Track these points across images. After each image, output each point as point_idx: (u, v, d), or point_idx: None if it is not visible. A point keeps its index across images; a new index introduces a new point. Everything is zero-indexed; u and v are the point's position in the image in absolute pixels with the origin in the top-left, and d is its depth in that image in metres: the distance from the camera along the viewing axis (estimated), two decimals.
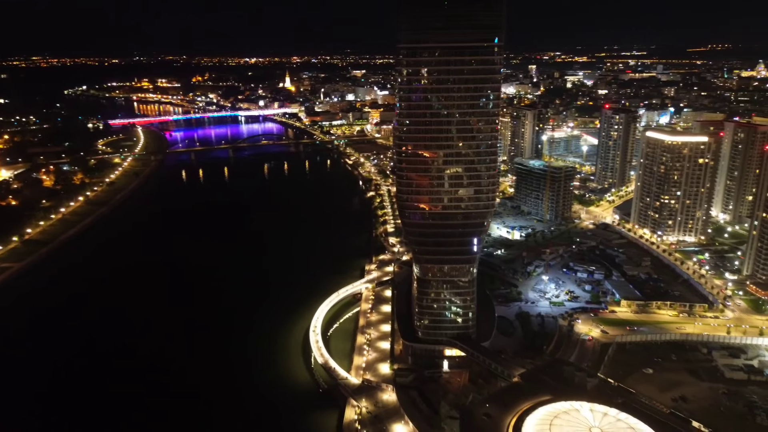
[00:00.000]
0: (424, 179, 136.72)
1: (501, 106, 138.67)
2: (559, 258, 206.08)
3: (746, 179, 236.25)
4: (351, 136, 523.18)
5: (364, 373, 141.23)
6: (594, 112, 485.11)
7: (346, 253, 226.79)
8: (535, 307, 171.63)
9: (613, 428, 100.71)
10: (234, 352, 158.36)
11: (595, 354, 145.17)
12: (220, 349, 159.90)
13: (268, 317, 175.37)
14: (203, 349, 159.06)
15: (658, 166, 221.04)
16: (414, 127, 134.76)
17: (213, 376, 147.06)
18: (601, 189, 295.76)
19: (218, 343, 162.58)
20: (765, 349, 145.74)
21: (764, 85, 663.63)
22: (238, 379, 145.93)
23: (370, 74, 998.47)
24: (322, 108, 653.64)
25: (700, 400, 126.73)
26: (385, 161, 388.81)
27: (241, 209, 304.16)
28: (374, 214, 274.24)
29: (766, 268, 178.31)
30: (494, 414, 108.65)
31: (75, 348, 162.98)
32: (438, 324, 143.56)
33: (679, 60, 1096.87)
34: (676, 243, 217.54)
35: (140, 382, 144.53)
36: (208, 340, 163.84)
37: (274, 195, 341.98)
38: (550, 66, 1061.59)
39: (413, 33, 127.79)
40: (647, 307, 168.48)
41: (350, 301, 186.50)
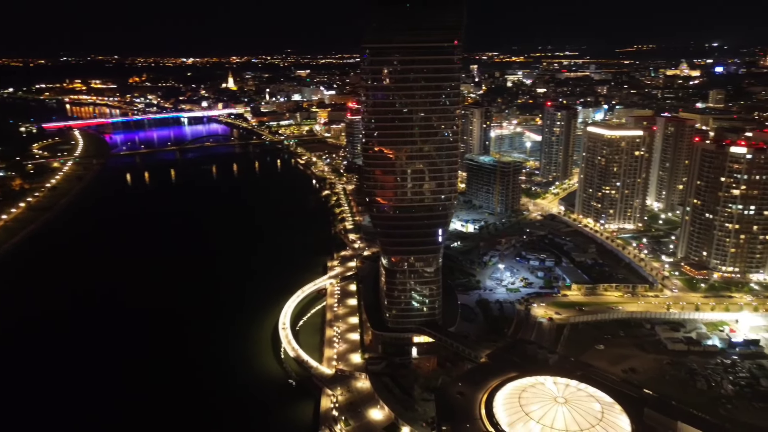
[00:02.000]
0: (390, 176, 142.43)
1: (460, 104, 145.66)
2: (512, 248, 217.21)
3: (677, 170, 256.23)
4: (300, 136, 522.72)
5: (336, 363, 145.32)
6: (534, 110, 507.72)
7: (307, 251, 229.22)
8: (494, 294, 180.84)
9: (575, 397, 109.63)
10: (202, 352, 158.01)
11: (551, 334, 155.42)
12: (187, 349, 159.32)
13: (234, 317, 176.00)
14: (170, 351, 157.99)
15: (599, 159, 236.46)
16: (379, 124, 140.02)
17: (183, 376, 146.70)
18: (546, 182, 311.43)
19: (185, 345, 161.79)
20: (701, 323, 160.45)
21: (687, 82, 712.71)
22: (209, 377, 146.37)
23: (315, 74, 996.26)
24: (269, 108, 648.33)
25: (647, 370, 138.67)
26: (338, 160, 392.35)
27: (193, 212, 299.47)
28: (332, 212, 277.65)
29: (698, 250, 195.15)
30: (467, 392, 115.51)
31: (36, 359, 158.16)
32: (406, 313, 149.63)
33: (609, 60, 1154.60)
34: (617, 230, 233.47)
35: (111, 384, 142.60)
36: (175, 342, 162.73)
37: (226, 196, 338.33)
38: (490, 66, 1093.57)
39: (378, 33, 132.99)
40: (595, 289, 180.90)
41: (316, 296, 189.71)
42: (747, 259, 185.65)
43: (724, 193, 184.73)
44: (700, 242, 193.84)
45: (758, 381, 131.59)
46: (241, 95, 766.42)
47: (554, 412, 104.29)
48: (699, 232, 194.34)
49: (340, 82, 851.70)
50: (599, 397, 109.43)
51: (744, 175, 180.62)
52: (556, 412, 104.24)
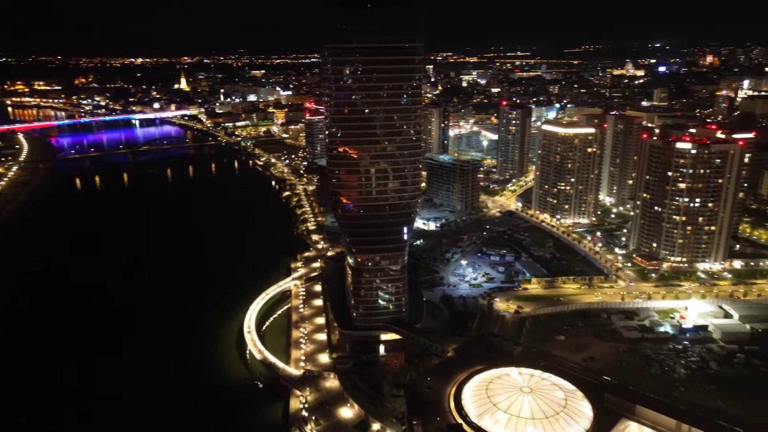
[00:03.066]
0: (354, 176, 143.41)
1: (421, 104, 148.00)
2: (474, 244, 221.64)
3: (627, 165, 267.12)
4: (258, 137, 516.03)
5: (304, 364, 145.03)
6: (490, 109, 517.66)
7: (269, 254, 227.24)
8: (457, 290, 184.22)
9: (540, 386, 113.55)
10: (165, 359, 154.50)
11: (514, 327, 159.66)
12: (149, 357, 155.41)
13: (197, 323, 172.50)
14: (132, 359, 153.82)
15: (554, 156, 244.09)
16: (342, 124, 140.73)
17: (147, 384, 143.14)
18: (504, 180, 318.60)
19: (146, 352, 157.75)
20: (653, 311, 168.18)
21: (633, 82, 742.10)
22: (174, 384, 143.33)
23: (270, 74, 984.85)
24: (224, 109, 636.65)
25: (605, 357, 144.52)
26: (298, 161, 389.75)
27: (148, 215, 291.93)
28: (293, 213, 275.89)
29: (648, 242, 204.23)
30: (435, 386, 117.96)
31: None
32: (373, 311, 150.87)
33: (559, 60, 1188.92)
34: (572, 225, 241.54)
35: (72, 398, 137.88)
36: (136, 350, 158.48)
37: (182, 199, 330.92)
38: (445, 66, 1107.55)
39: (338, 34, 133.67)
40: (554, 282, 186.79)
41: (280, 298, 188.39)
42: (693, 249, 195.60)
43: (671, 187, 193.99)
44: (650, 234, 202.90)
45: (708, 364, 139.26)
46: (194, 96, 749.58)
47: (520, 401, 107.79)
48: (649, 225, 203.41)
49: (297, 82, 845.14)
50: (562, 385, 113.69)
51: (689, 169, 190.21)
52: (522, 401, 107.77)
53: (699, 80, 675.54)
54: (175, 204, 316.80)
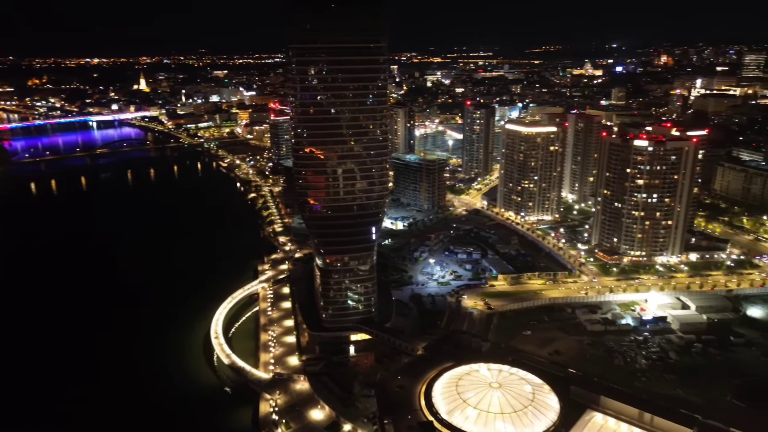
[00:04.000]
0: (321, 176, 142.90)
1: (387, 104, 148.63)
2: (441, 243, 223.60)
3: (587, 163, 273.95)
4: (221, 138, 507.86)
5: (273, 367, 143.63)
6: (454, 109, 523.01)
7: (236, 256, 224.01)
8: (425, 288, 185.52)
9: (508, 381, 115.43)
10: (129, 367, 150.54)
11: (482, 323, 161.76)
12: (113, 366, 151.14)
13: (162, 329, 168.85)
14: (96, 369, 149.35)
15: (518, 155, 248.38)
16: (308, 125, 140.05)
17: (111, 394, 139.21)
18: (469, 179, 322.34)
19: (110, 361, 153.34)
20: (615, 304, 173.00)
21: (592, 81, 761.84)
22: (140, 392, 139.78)
23: (233, 75, 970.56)
24: (186, 110, 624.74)
25: (570, 351, 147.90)
26: (263, 162, 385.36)
27: (109, 220, 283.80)
28: (259, 215, 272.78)
29: (609, 237, 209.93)
30: (406, 385, 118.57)
31: None
32: (342, 312, 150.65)
33: (520, 60, 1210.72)
34: (536, 222, 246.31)
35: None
36: (100, 360, 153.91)
37: (144, 202, 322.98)
38: (409, 66, 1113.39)
39: (303, 34, 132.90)
40: (520, 278, 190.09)
41: (247, 301, 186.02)
42: (652, 243, 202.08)
43: (630, 183, 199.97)
44: (611, 229, 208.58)
45: (667, 354, 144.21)
46: (154, 97, 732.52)
47: (489, 396, 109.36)
48: (609, 221, 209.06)
49: (260, 82, 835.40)
50: (530, 379, 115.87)
51: (646, 166, 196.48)
52: (492, 396, 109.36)
53: (654, 80, 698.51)
54: (136, 208, 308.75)
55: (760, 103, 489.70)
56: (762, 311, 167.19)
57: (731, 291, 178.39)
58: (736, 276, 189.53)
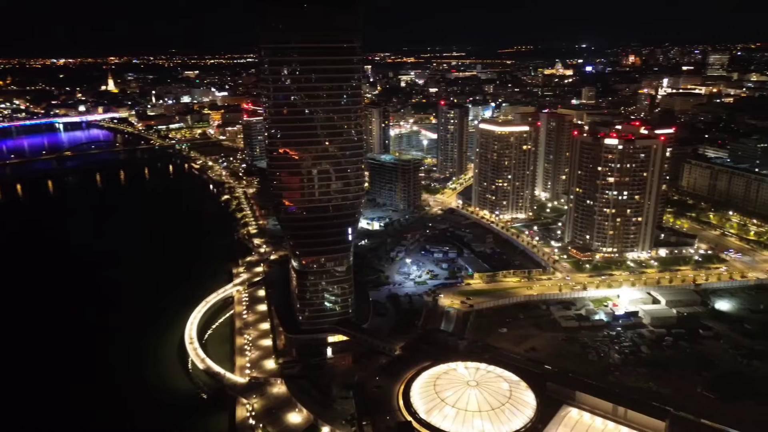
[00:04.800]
0: (296, 177, 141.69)
1: (362, 104, 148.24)
2: (417, 242, 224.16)
3: (560, 161, 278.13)
4: (193, 139, 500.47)
5: (250, 371, 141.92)
6: (428, 109, 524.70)
7: (210, 259, 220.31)
8: (402, 288, 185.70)
9: (485, 379, 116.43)
10: (103, 374, 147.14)
11: (459, 322, 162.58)
12: (87, 372, 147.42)
13: (136, 334, 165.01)
14: (69, 376, 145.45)
15: (491, 154, 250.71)
16: (282, 126, 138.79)
17: (85, 401, 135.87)
18: (444, 178, 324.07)
19: (85, 367, 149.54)
20: (588, 300, 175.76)
21: (562, 81, 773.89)
22: (114, 400, 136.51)
23: (204, 75, 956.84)
24: (156, 111, 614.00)
25: (545, 347, 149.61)
26: (236, 163, 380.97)
27: (78, 224, 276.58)
28: (233, 217, 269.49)
29: (582, 234, 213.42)
30: (384, 385, 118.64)
31: None
32: (319, 313, 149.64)
33: (493, 60, 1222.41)
34: (510, 220, 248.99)
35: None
36: (74, 365, 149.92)
37: (114, 206, 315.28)
38: (384, 66, 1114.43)
39: (274, 34, 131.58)
40: (495, 277, 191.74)
41: (222, 305, 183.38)
42: (623, 240, 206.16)
43: (601, 181, 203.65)
44: (584, 227, 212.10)
45: (639, 348, 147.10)
46: (123, 98, 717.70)
47: (467, 395, 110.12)
48: (582, 218, 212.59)
49: (233, 83, 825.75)
50: (507, 377, 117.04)
51: (617, 164, 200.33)
52: (469, 395, 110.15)
53: (623, 79, 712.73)
54: (105, 212, 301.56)
55: (724, 102, 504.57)
56: (729, 305, 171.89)
57: (699, 285, 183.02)
58: (703, 270, 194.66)
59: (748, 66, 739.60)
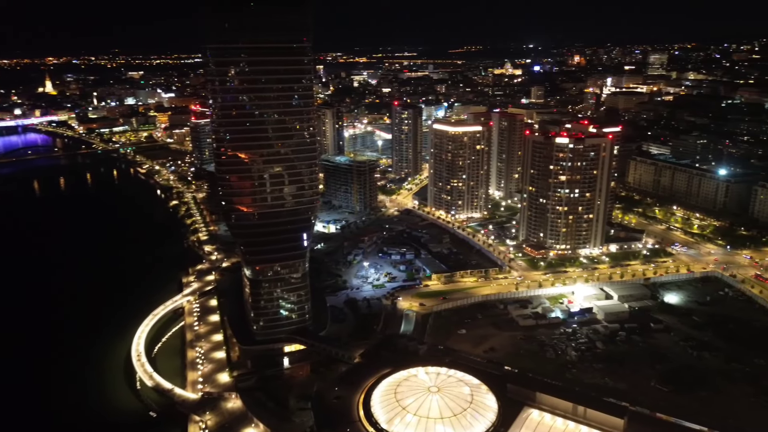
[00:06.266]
0: (246, 181, 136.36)
1: (314, 105, 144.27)
2: (374, 245, 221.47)
3: (512, 160, 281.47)
4: (138, 142, 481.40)
5: (202, 386, 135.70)
6: (382, 109, 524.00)
7: (157, 269, 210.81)
8: (360, 292, 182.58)
9: (446, 384, 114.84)
10: (41, 398, 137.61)
11: (418, 325, 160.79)
12: (26, 395, 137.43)
13: (78, 352, 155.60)
14: (10, 397, 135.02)
15: (446, 154, 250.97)
16: (230, 128, 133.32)
17: (25, 425, 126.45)
18: (399, 179, 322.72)
19: (23, 390, 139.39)
20: (545, 298, 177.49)
21: (512, 80, 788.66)
22: (57, 424, 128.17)
23: (150, 75, 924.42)
24: (98, 114, 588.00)
25: (504, 347, 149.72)
26: (185, 167, 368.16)
27: (15, 235, 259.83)
28: (182, 223, 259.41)
29: (535, 232, 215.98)
30: (344, 395, 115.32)
31: None
32: (275, 323, 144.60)
33: (444, 60, 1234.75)
34: (466, 219, 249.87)
35: None
36: (13, 387, 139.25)
37: (53, 215, 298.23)
38: (336, 66, 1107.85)
39: (221, 34, 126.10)
40: (453, 277, 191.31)
41: (172, 317, 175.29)
42: (575, 237, 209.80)
43: (553, 179, 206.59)
44: (537, 225, 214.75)
45: (595, 344, 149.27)
46: (63, 100, 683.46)
47: (429, 401, 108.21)
48: (535, 216, 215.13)
49: (180, 83, 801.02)
50: (467, 380, 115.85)
51: (568, 162, 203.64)
52: (431, 401, 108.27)
53: (569, 78, 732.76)
54: (44, 221, 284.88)
55: (664, 100, 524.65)
56: (677, 297, 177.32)
57: (649, 279, 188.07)
58: (652, 264, 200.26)
59: (685, 65, 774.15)
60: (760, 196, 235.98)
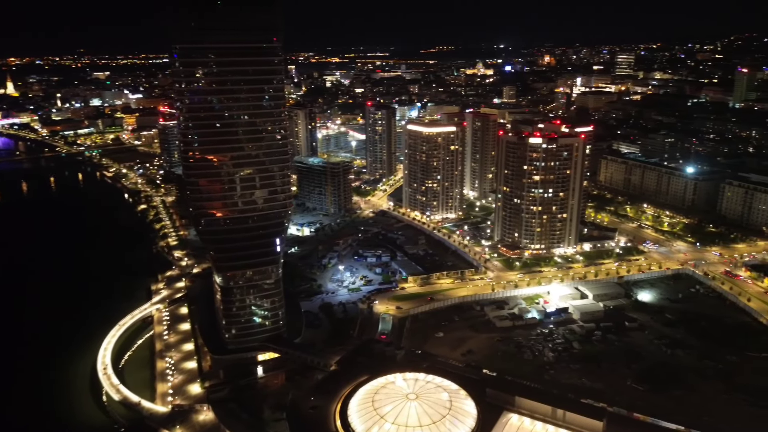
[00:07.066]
0: (216, 184, 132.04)
1: (285, 106, 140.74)
2: (350, 247, 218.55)
3: (486, 160, 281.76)
4: (105, 145, 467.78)
5: (172, 399, 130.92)
6: (355, 110, 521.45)
7: (125, 276, 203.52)
8: (336, 296, 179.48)
9: (424, 390, 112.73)
10: (3, 416, 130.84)
11: (395, 329, 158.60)
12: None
13: (41, 366, 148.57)
14: None
15: (420, 155, 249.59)
16: (199, 130, 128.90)
17: None
18: (374, 180, 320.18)
19: None
20: (521, 298, 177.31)
21: (484, 80, 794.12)
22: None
23: (116, 76, 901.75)
24: (62, 116, 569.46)
25: (482, 349, 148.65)
26: (153, 170, 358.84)
27: None
28: (151, 228, 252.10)
29: (510, 232, 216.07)
30: (320, 404, 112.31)
31: None
32: (248, 331, 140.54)
33: (416, 60, 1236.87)
34: (441, 220, 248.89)
35: None
36: None
37: (14, 221, 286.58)
38: (308, 67, 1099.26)
39: (187, 34, 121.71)
40: (429, 279, 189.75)
41: (140, 326, 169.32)
42: (550, 236, 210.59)
43: (527, 179, 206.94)
44: (512, 225, 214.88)
45: (571, 344, 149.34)
46: (25, 102, 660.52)
47: (407, 409, 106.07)
48: (510, 216, 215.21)
49: (147, 84, 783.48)
50: (446, 386, 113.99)
51: (541, 162, 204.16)
52: (409, 408, 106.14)
53: (540, 78, 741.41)
54: (5, 227, 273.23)
55: (632, 99, 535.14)
56: (650, 295, 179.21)
57: (622, 278, 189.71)
58: (625, 263, 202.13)
59: (651, 65, 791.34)
60: (727, 194, 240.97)
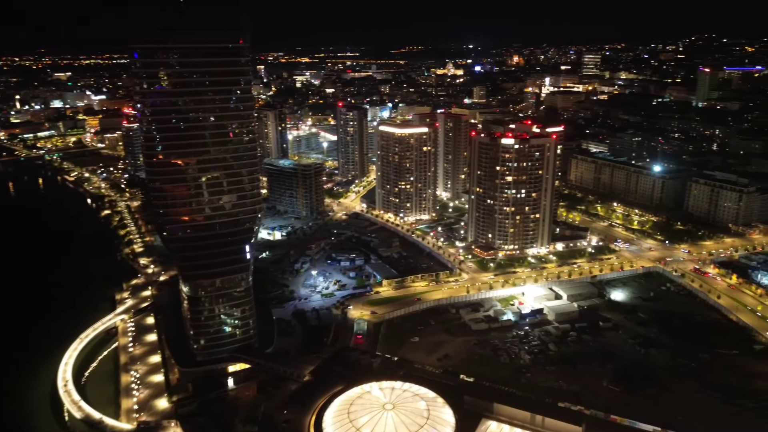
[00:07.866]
0: (181, 189, 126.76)
1: (254, 108, 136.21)
2: (322, 251, 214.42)
3: (458, 161, 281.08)
4: (66, 148, 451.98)
5: (138, 415, 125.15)
6: (326, 110, 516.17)
7: (88, 285, 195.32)
8: (309, 302, 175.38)
9: (401, 399, 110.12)
10: None
11: (370, 335, 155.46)
12: None
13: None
14: None
15: (393, 156, 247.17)
16: (162, 134, 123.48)
17: None
18: (347, 181, 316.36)
19: None
20: (496, 300, 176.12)
21: (454, 81, 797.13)
22: None
23: (79, 77, 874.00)
24: (21, 118, 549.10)
25: (458, 353, 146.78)
26: (118, 174, 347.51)
27: None
28: (115, 234, 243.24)
29: (484, 233, 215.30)
30: (293, 417, 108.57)
31: None
32: (217, 341, 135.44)
33: (387, 60, 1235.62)
34: (415, 222, 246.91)
35: None
36: None
37: None
38: (277, 67, 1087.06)
39: (147, 33, 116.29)
40: (404, 282, 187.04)
41: (104, 338, 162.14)
42: (523, 237, 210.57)
43: (500, 180, 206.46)
44: (485, 226, 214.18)
45: (547, 346, 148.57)
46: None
47: (384, 420, 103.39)
48: (483, 217, 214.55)
49: (111, 85, 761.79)
50: (423, 394, 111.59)
51: (514, 163, 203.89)
52: (386, 419, 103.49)
53: (509, 78, 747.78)
54: None
55: (600, 99, 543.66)
56: (622, 294, 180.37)
57: (595, 277, 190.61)
58: (597, 262, 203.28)
59: (617, 65, 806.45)
60: (694, 192, 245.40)
